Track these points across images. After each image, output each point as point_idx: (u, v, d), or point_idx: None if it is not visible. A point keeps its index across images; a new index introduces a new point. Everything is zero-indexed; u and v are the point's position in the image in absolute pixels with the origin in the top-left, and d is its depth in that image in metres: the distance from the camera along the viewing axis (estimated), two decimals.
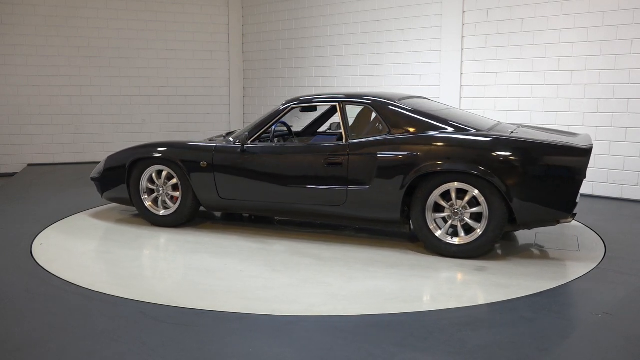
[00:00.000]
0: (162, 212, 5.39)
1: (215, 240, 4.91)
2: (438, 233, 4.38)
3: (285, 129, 5.86)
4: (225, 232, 5.16)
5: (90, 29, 9.74)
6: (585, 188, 6.78)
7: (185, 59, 10.47)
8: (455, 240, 4.34)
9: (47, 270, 4.06)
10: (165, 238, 5.04)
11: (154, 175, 5.39)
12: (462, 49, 7.67)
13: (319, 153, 4.74)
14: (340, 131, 5.02)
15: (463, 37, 7.64)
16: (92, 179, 5.77)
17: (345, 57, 9.12)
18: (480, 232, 4.26)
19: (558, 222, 4.20)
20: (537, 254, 4.52)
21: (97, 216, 5.78)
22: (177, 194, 5.32)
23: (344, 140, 4.69)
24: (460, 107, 7.67)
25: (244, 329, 3.08)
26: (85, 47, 9.74)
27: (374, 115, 4.87)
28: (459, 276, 4.01)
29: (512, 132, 4.51)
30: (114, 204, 6.23)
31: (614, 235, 4.99)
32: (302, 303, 3.48)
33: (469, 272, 4.06)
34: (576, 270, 4.05)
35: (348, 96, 4.93)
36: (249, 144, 5.04)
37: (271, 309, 3.34)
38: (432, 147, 4.35)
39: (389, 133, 4.57)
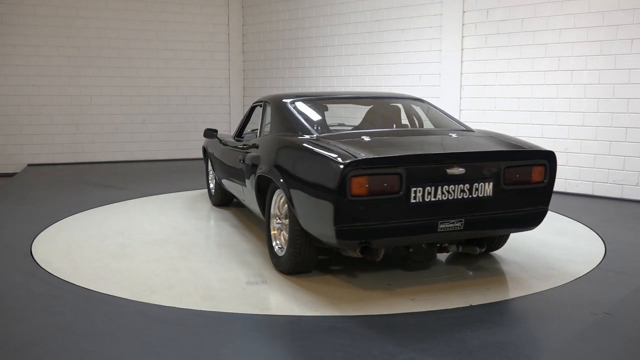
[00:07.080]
0: (213, 192, 6.34)
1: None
2: (274, 242, 4.03)
3: None
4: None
5: (90, 29, 9.75)
6: (585, 188, 6.81)
7: (185, 59, 10.47)
8: (279, 253, 3.97)
9: (47, 270, 4.06)
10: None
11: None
12: (462, 49, 7.67)
13: (238, 151, 5.02)
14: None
15: (463, 37, 7.64)
16: None
17: (345, 57, 9.12)
18: (286, 247, 3.82)
19: (362, 255, 3.48)
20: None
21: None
22: None
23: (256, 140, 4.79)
24: (460, 107, 7.68)
25: (244, 329, 3.08)
26: (85, 47, 9.75)
27: None
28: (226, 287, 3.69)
29: (357, 137, 3.79)
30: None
31: (614, 235, 4.98)
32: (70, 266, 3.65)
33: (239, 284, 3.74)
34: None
35: (271, 97, 4.89)
36: (223, 138, 5.71)
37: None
38: (265, 149, 4.23)
39: (270, 133, 4.48)
